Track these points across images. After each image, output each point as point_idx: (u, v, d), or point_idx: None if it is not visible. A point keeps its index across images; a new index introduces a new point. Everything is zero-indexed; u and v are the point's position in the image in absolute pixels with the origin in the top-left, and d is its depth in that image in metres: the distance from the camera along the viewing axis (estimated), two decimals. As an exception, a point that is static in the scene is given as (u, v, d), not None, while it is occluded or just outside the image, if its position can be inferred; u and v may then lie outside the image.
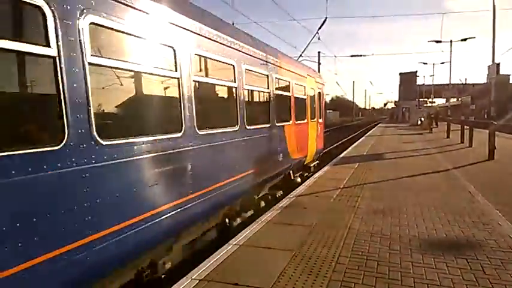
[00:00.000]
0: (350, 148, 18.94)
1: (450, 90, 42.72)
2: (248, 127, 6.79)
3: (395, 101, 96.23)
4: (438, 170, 11.31)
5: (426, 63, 51.83)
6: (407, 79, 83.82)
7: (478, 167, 12.14)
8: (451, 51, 33.59)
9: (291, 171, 10.28)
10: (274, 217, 6.44)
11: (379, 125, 51.96)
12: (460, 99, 63.41)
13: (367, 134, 30.94)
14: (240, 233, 5.59)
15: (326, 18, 20.79)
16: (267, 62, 7.90)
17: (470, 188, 8.64)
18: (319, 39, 21.29)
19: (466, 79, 75.42)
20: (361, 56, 34.66)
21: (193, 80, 4.98)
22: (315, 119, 12.41)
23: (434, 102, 58.86)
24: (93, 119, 3.31)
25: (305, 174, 11.57)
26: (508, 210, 6.71)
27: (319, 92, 13.20)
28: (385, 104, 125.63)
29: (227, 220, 6.62)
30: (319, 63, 34.94)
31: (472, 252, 4.78)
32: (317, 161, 13.31)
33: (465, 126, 20.78)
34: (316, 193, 8.25)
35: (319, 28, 21.08)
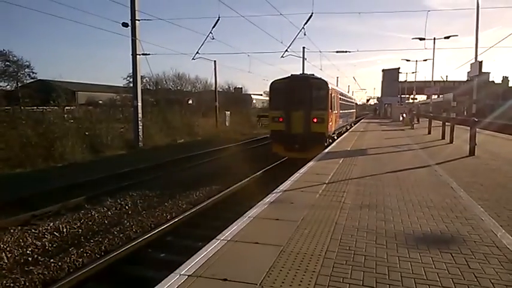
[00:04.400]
0: (334, 143, 19.08)
1: (432, 87, 43.44)
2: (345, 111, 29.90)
3: (378, 97, 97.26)
4: (420, 166, 11.50)
5: (409, 60, 52.44)
6: (390, 76, 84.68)
7: (459, 162, 12.40)
8: (434, 48, 34.19)
9: (352, 124, 36.13)
10: (261, 212, 6.42)
11: (361, 120, 52.49)
12: (441, 96, 64.48)
13: (350, 130, 31.27)
14: (226, 229, 5.54)
15: (312, 13, 20.96)
16: (351, 100, 37.88)
17: (452, 183, 8.81)
18: (305, 34, 21.42)
19: (447, 76, 76.78)
20: (345, 52, 34.82)
21: (352, 103, 34.45)
22: (355, 110, 43.15)
23: (416, 99, 59.66)
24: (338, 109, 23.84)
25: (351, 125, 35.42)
26: (490, 205, 6.87)
27: (356, 103, 53.25)
28: (367, 100, 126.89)
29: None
30: (303, 58, 35.03)
31: (456, 246, 4.87)
32: (354, 122, 38.93)
33: (446, 123, 21.19)
34: (302, 188, 8.27)
35: (305, 23, 21.36)
